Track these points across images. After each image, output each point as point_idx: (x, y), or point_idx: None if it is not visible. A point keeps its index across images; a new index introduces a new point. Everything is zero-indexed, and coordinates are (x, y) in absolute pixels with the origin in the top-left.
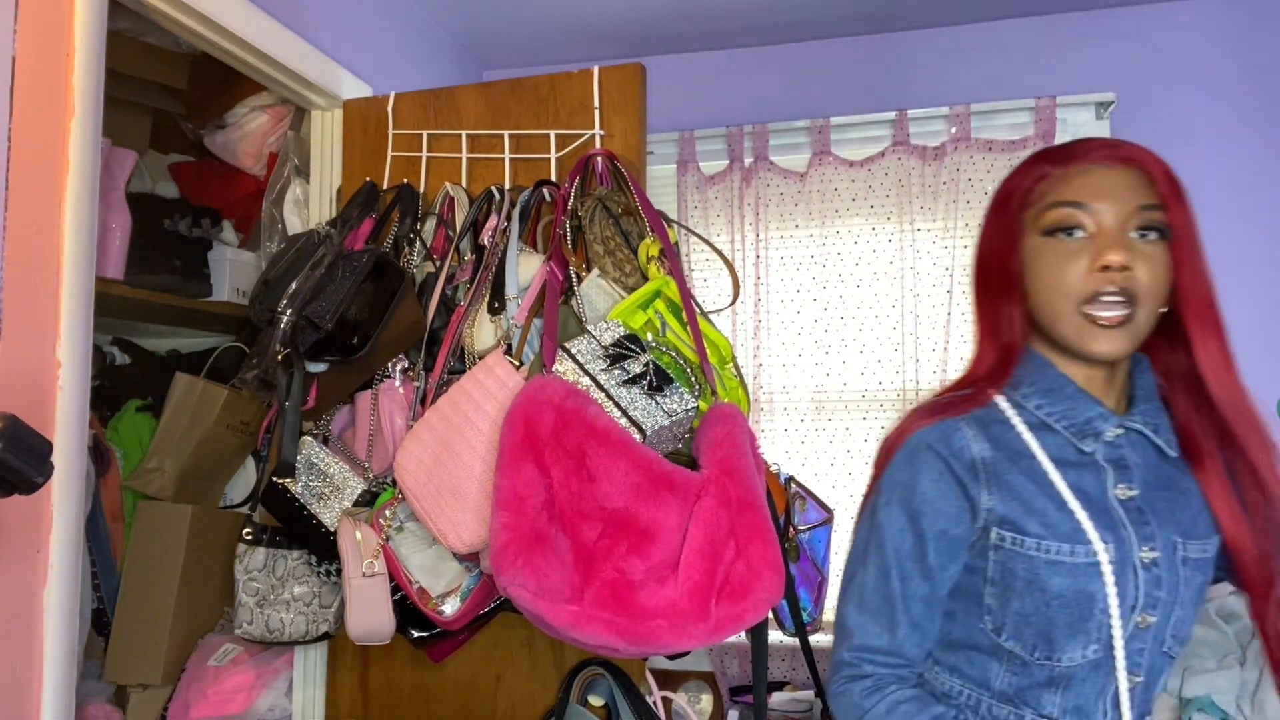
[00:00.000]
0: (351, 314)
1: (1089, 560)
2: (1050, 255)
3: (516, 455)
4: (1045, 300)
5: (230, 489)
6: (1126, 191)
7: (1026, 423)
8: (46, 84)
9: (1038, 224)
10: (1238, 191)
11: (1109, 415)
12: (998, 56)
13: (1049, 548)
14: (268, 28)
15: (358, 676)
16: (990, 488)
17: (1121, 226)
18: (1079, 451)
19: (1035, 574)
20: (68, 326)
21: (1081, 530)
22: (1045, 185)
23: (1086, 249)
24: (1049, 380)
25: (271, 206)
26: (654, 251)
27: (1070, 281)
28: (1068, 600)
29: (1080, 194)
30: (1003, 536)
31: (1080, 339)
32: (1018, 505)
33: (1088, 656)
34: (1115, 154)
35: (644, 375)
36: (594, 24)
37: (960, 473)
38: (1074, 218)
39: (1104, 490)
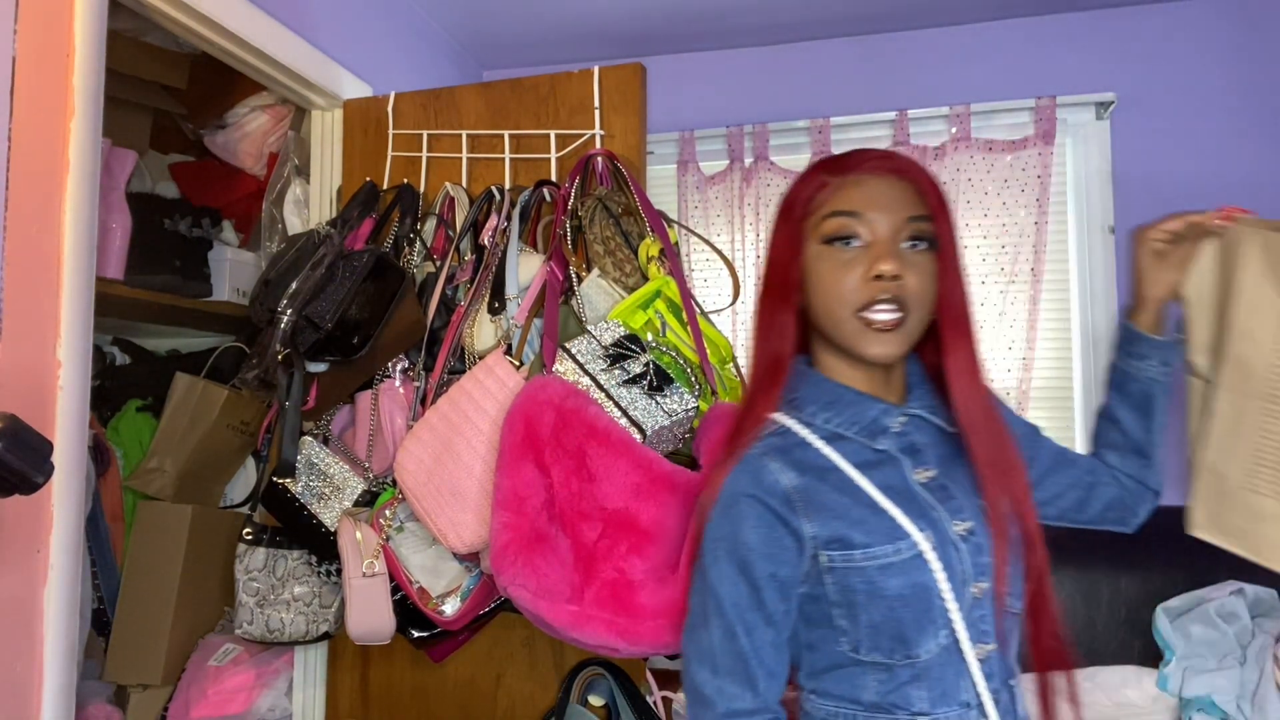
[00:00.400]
0: (351, 314)
1: (913, 553)
2: (828, 263)
3: (516, 455)
4: (825, 306)
5: (230, 489)
6: (898, 202)
7: (822, 438)
8: (46, 84)
9: (817, 232)
10: (1237, 191)
11: (890, 408)
12: (998, 56)
13: (875, 554)
14: (268, 28)
15: (358, 676)
16: (808, 515)
17: (894, 236)
18: (875, 451)
19: (872, 583)
20: (68, 326)
21: (899, 526)
22: (824, 194)
23: (862, 258)
24: (826, 393)
25: (271, 206)
26: (654, 251)
27: (847, 289)
28: (908, 598)
29: (856, 204)
30: (832, 558)
31: (857, 343)
32: (838, 522)
33: (941, 643)
34: (888, 165)
35: (644, 375)
36: (594, 24)
37: (778, 509)
38: (850, 227)
39: (905, 479)
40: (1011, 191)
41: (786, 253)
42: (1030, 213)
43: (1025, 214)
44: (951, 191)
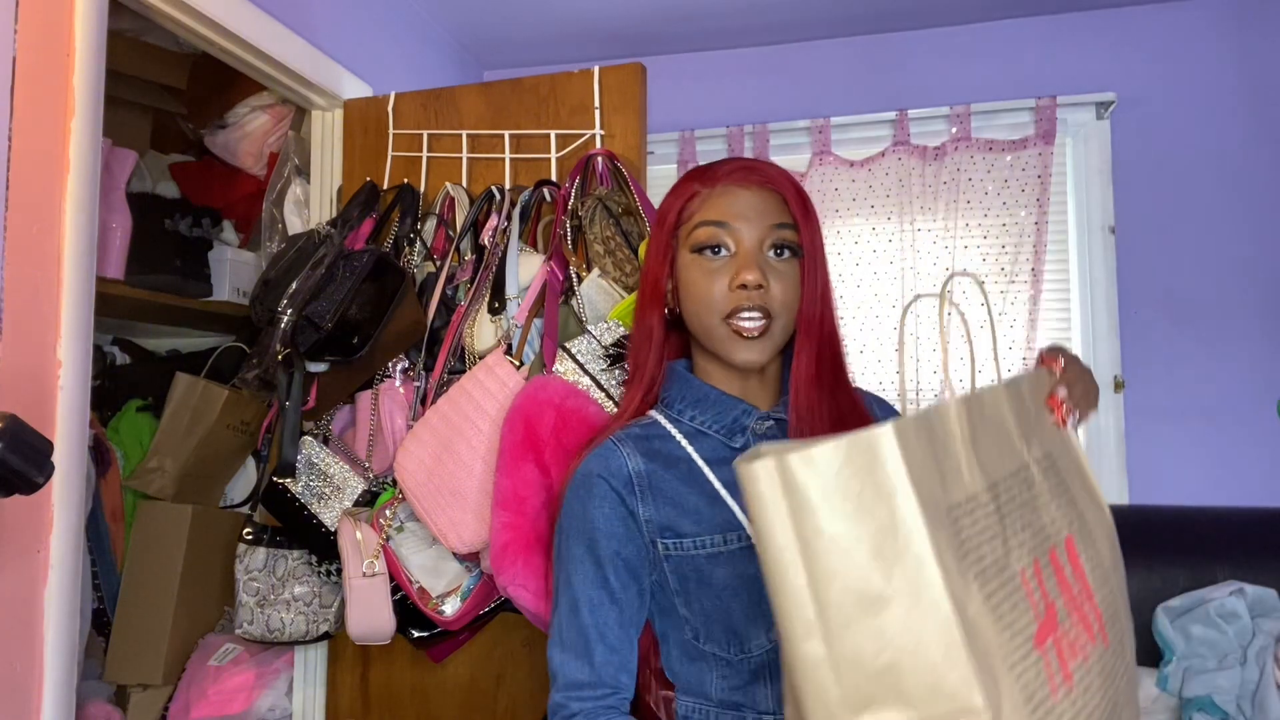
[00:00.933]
0: (352, 314)
1: (744, 545)
2: (697, 271)
3: (517, 455)
4: (695, 313)
5: (230, 489)
6: (763, 212)
7: (683, 433)
8: (46, 84)
9: (687, 241)
10: (1236, 191)
11: (752, 410)
12: (998, 56)
13: (704, 542)
14: (268, 28)
15: (358, 676)
16: (645, 499)
17: (759, 245)
18: (730, 448)
19: (700, 571)
20: (68, 326)
21: (734, 518)
22: (695, 204)
23: (728, 267)
24: (694, 392)
25: (271, 206)
26: None
27: (715, 297)
28: (736, 589)
29: (723, 214)
30: (666, 545)
31: (726, 349)
32: (671, 509)
33: (773, 639)
34: (752, 176)
35: None
36: (594, 24)
37: (620, 490)
38: (717, 236)
39: None
40: (1011, 191)
41: (657, 261)
42: (1030, 213)
43: (1025, 214)
44: (951, 191)
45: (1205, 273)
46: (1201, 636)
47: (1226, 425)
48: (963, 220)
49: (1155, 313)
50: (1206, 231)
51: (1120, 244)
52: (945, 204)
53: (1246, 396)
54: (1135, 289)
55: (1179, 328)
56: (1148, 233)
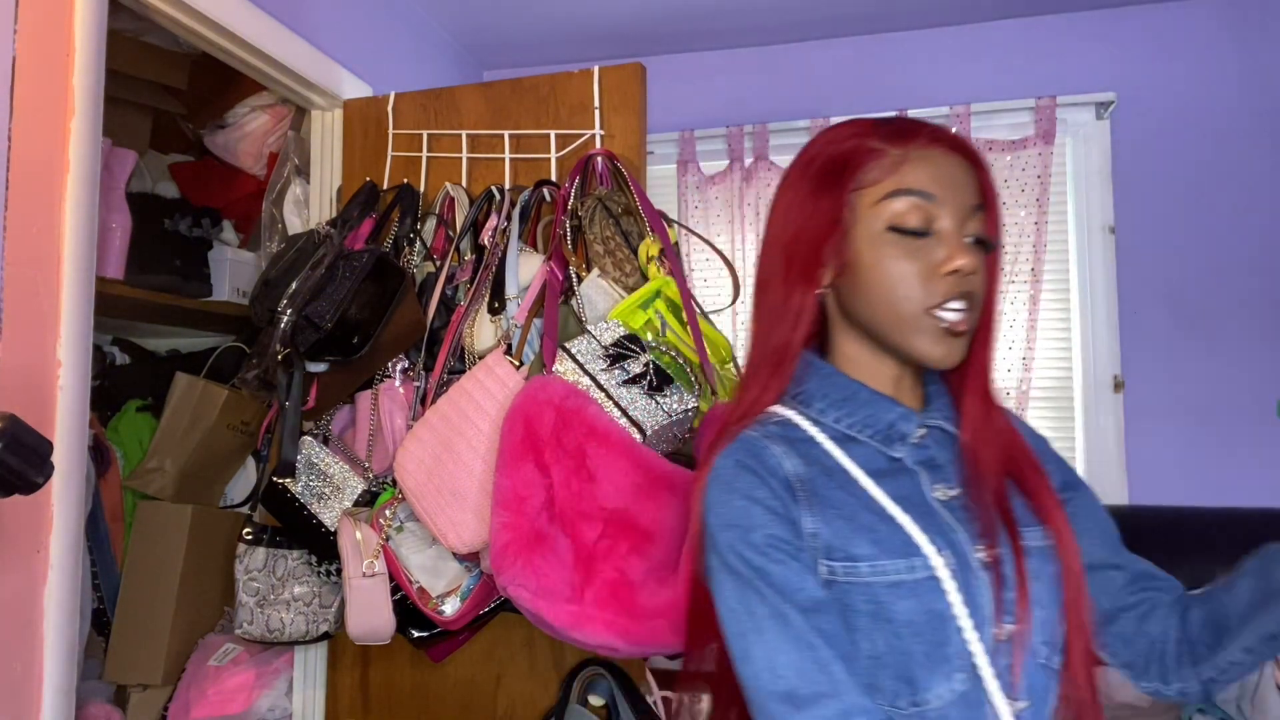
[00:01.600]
0: (351, 314)
1: (927, 574)
2: (895, 250)
3: (516, 455)
4: (886, 300)
5: (230, 489)
6: (965, 187)
7: (831, 437)
8: (46, 84)
9: (877, 211)
10: (1236, 191)
11: (910, 415)
12: (998, 56)
13: (884, 567)
14: (268, 28)
15: (358, 676)
16: (812, 508)
17: (960, 225)
18: (889, 459)
19: (878, 602)
20: (68, 326)
21: (913, 541)
22: (882, 165)
23: (932, 248)
24: (839, 389)
25: (271, 206)
26: (654, 251)
27: (916, 284)
28: (919, 626)
29: (928, 184)
30: (832, 569)
31: (920, 343)
32: (844, 525)
33: (955, 689)
34: (954, 143)
35: (644, 375)
36: (594, 24)
37: (779, 491)
38: (925, 212)
39: (922, 495)
40: (1011, 191)
41: (821, 227)
42: (1030, 213)
43: (1025, 214)
44: None
45: (1205, 273)
46: None
47: (1226, 425)
48: None
49: (1155, 313)
50: (1206, 231)
51: (1120, 244)
52: None
53: (1246, 396)
54: (1135, 289)
55: (1179, 328)
56: (1148, 233)
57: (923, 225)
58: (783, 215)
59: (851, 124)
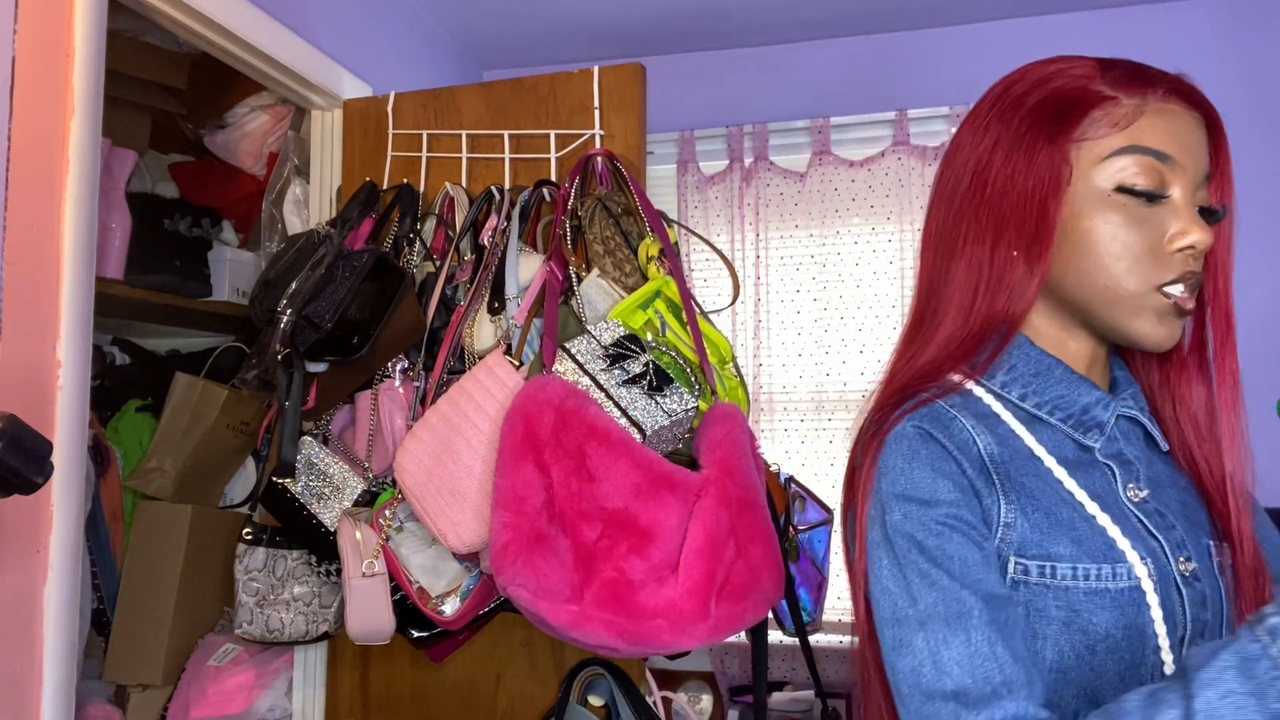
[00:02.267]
0: (351, 314)
1: (1131, 584)
2: (1121, 216)
3: (516, 455)
4: (1103, 271)
5: (230, 489)
6: (1201, 152)
7: (1017, 416)
8: (46, 84)
9: (1104, 170)
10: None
11: (1107, 401)
12: (998, 56)
13: (1087, 572)
14: (268, 28)
15: (358, 676)
16: (1008, 495)
17: (1192, 194)
18: (1080, 448)
19: (1075, 611)
20: (68, 326)
21: (1115, 546)
22: (1113, 114)
23: (1162, 217)
24: (1032, 363)
25: (271, 206)
26: (654, 251)
27: (1144, 256)
28: (1116, 641)
29: (1168, 144)
30: (1026, 568)
31: (1145, 323)
32: (1042, 519)
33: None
34: (1194, 97)
35: (644, 375)
36: (594, 24)
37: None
38: (1161, 175)
39: (1115, 494)
40: None
41: (1048, 184)
42: None
43: None
44: None
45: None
46: None
47: None
48: None
49: None
50: None
51: None
52: None
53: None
54: None
55: None
56: None
57: (1156, 189)
58: (982, 162)
59: (1068, 61)
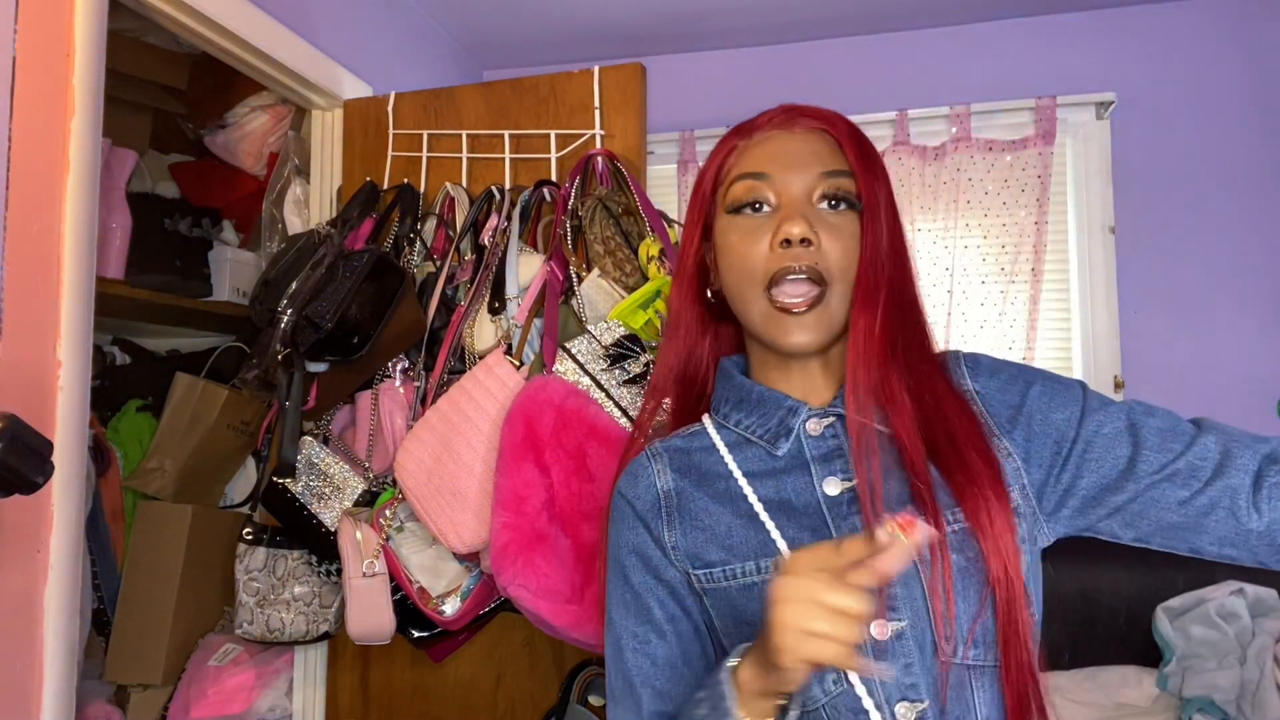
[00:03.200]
0: (351, 314)
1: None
2: (735, 234)
3: (516, 455)
4: (733, 286)
5: (230, 489)
6: (810, 157)
7: (727, 442)
8: (46, 84)
9: (724, 202)
10: (1237, 191)
11: (799, 407)
12: (998, 56)
13: (734, 571)
14: (268, 28)
15: (358, 676)
16: (673, 523)
17: (807, 197)
18: (773, 457)
19: (734, 606)
20: (68, 326)
21: (770, 542)
22: (732, 159)
23: (770, 224)
24: (736, 391)
25: (271, 206)
26: (654, 251)
27: (754, 262)
28: None
29: (761, 163)
30: (698, 578)
31: (769, 329)
32: (700, 534)
33: (830, 690)
34: (794, 116)
35: (644, 375)
36: (594, 24)
37: (645, 515)
38: (756, 190)
39: (812, 490)
40: (1011, 191)
41: (691, 233)
42: (1030, 213)
43: (1025, 214)
44: (951, 191)
45: (1205, 273)
46: (1201, 636)
47: None
48: (963, 220)
49: (1155, 313)
50: (1206, 231)
51: (1120, 244)
52: (945, 204)
53: (1246, 396)
54: (1135, 289)
55: (1179, 328)
56: (1148, 233)
57: (755, 200)
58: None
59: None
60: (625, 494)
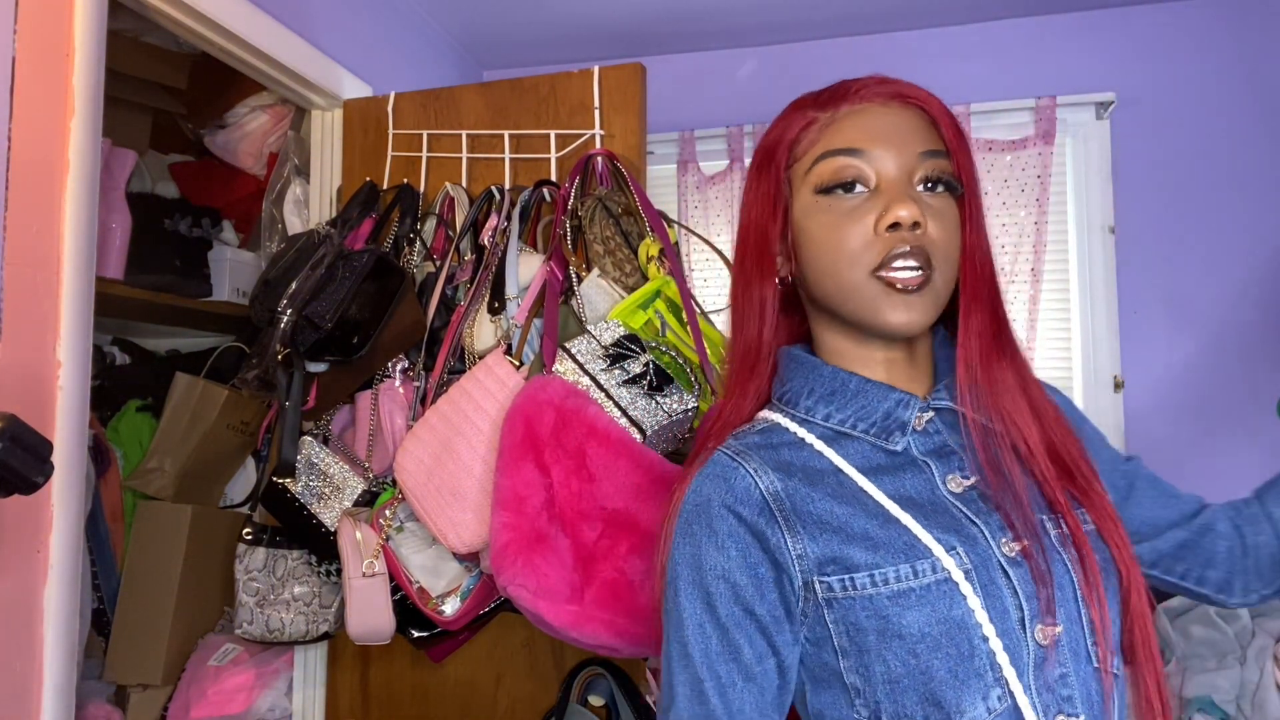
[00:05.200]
0: (351, 314)
1: (940, 577)
2: (827, 216)
3: (516, 455)
4: (826, 272)
5: (230, 489)
6: (908, 134)
7: (821, 437)
8: (46, 84)
9: (808, 181)
10: (1236, 191)
11: (909, 400)
12: (998, 56)
13: (887, 575)
14: (268, 28)
15: (358, 676)
16: (793, 527)
17: (907, 176)
18: (888, 453)
19: (884, 618)
20: (68, 326)
21: (919, 542)
22: (813, 133)
23: (870, 205)
24: (826, 382)
25: (271, 206)
26: (654, 251)
27: (855, 246)
28: (936, 638)
29: (856, 139)
30: (830, 585)
31: (876, 311)
32: (834, 537)
33: (994, 708)
34: (890, 90)
35: (644, 375)
36: (594, 24)
37: (753, 521)
38: (852, 169)
39: (932, 489)
40: (1011, 191)
41: (765, 211)
42: (1030, 213)
43: (1025, 214)
44: None
45: (1205, 272)
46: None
47: (1225, 425)
48: None
49: (1155, 313)
50: (1206, 231)
51: (1120, 244)
52: None
53: (1246, 396)
54: (1135, 289)
55: (1179, 328)
56: (1148, 233)
57: (850, 179)
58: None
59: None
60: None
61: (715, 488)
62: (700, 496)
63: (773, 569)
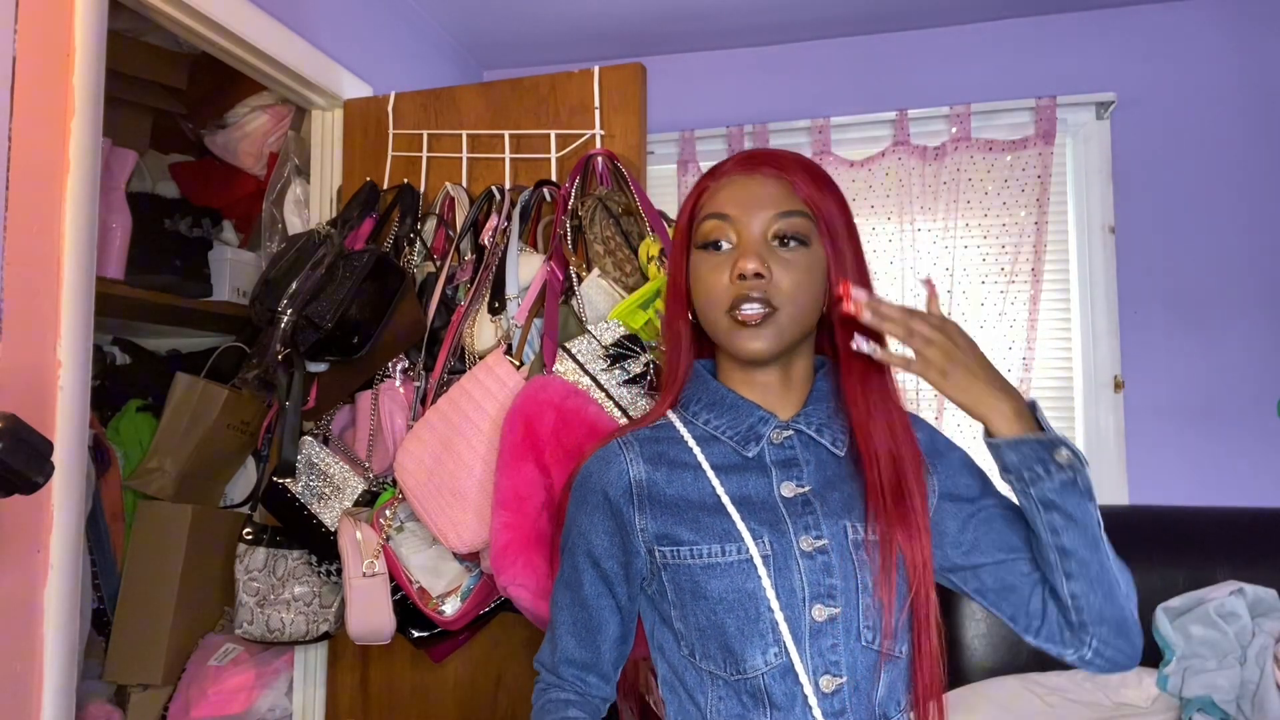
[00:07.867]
0: (352, 314)
1: (742, 558)
2: (703, 267)
3: (516, 455)
4: (703, 310)
5: (230, 489)
6: (765, 200)
7: (695, 436)
8: (46, 84)
9: (695, 238)
10: (1236, 191)
11: (769, 419)
12: (998, 56)
13: (701, 551)
14: (268, 28)
15: (358, 676)
16: (644, 508)
17: (762, 235)
18: (742, 457)
19: (695, 581)
20: (68, 326)
21: (734, 529)
22: (704, 199)
23: (729, 259)
24: (711, 395)
25: (271, 206)
26: (654, 251)
27: (718, 292)
28: (730, 602)
29: (723, 205)
30: (663, 553)
31: (731, 341)
32: (671, 518)
33: (770, 661)
34: (754, 162)
35: (644, 375)
36: (594, 24)
37: (615, 500)
38: (719, 229)
39: (770, 490)
40: (1011, 191)
41: (676, 261)
42: (1030, 213)
43: (1025, 214)
44: (951, 191)
45: (1205, 273)
46: (1201, 636)
47: (1226, 425)
48: (962, 220)
49: (1155, 313)
50: (1206, 231)
51: (1120, 244)
52: (945, 204)
53: (1246, 396)
54: (1135, 289)
55: (1179, 328)
56: (1148, 233)
57: (717, 238)
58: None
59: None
60: (596, 480)
61: (597, 468)
62: (586, 472)
63: (620, 536)
